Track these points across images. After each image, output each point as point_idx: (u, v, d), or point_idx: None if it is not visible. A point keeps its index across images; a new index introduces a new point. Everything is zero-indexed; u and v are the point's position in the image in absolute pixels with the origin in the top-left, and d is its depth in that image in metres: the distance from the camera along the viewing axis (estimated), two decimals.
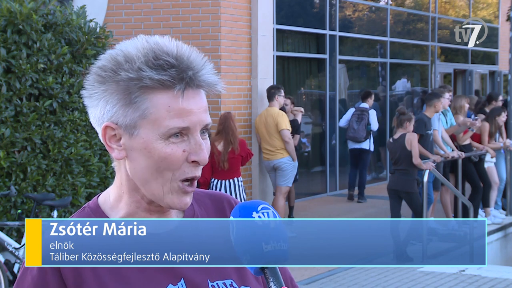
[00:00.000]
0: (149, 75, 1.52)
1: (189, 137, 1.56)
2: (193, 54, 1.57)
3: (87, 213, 1.63)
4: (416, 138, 9.07)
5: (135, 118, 1.55)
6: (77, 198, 7.45)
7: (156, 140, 1.54)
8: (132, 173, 1.59)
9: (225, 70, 10.55)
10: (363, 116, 12.75)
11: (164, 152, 1.54)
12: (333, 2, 13.94)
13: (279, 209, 10.18)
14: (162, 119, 1.54)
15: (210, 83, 1.58)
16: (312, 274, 8.36)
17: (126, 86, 1.54)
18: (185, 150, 1.55)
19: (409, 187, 8.97)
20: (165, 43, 1.57)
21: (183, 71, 1.54)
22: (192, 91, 1.56)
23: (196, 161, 1.56)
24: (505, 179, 12.24)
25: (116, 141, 1.59)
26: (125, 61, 1.55)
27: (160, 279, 1.58)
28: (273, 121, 10.17)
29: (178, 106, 1.54)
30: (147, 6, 10.99)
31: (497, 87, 20.39)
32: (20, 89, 7.09)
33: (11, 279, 6.72)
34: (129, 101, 1.55)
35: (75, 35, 7.62)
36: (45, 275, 1.53)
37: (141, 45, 1.56)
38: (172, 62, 1.53)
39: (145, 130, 1.55)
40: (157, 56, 1.54)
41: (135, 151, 1.57)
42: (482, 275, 8.43)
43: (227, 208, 1.75)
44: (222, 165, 8.47)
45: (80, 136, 7.55)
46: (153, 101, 1.54)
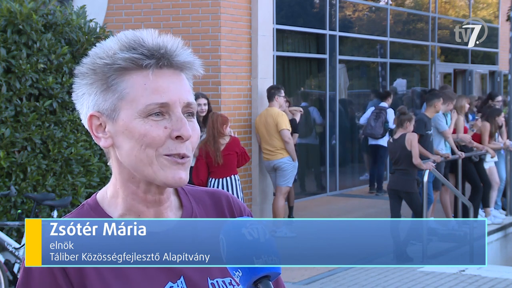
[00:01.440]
0: (121, 56, 1.55)
1: (170, 115, 1.56)
2: (169, 40, 1.59)
3: (86, 210, 1.63)
4: (416, 138, 9.07)
5: (114, 101, 1.56)
6: (77, 198, 7.45)
7: (135, 119, 1.55)
8: (122, 160, 1.59)
9: (225, 70, 10.55)
10: (381, 114, 13.33)
11: (144, 129, 1.54)
12: (333, 2, 13.94)
13: (279, 209, 10.18)
14: (139, 97, 1.55)
15: (184, 61, 1.59)
16: (312, 274, 8.36)
17: (102, 72, 1.56)
18: (167, 126, 1.56)
19: (409, 187, 8.97)
20: (142, 32, 1.59)
21: (155, 50, 1.56)
22: (167, 71, 1.57)
23: (180, 136, 1.55)
24: (505, 179, 12.25)
25: (102, 130, 1.60)
26: (102, 51, 1.58)
27: (160, 277, 1.59)
28: (273, 121, 10.17)
29: (154, 83, 1.55)
30: (147, 6, 10.99)
31: (497, 87, 20.39)
32: (20, 89, 7.09)
33: (11, 279, 6.72)
34: (106, 85, 1.57)
35: (75, 35, 7.62)
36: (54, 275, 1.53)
37: (118, 38, 1.59)
38: (145, 45, 1.56)
39: (125, 111, 1.56)
40: (129, 40, 1.57)
41: (119, 135, 1.58)
42: (482, 275, 8.43)
43: (225, 205, 1.75)
44: (218, 160, 8.44)
45: (80, 136, 7.55)
46: (129, 82, 1.56)
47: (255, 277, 1.43)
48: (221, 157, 8.45)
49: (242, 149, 8.70)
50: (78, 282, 1.54)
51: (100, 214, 1.62)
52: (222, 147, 8.49)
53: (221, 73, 10.48)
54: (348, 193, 14.39)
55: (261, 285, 1.44)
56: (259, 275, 1.43)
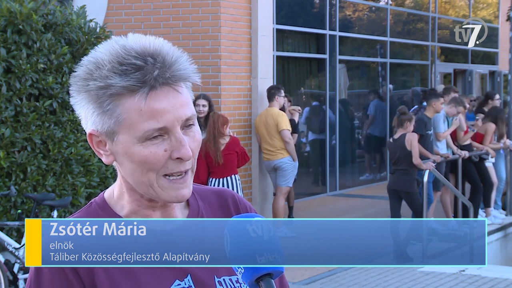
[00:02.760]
0: (114, 82, 1.52)
1: (169, 135, 1.55)
2: (163, 50, 1.55)
3: (94, 209, 1.64)
4: (416, 138, 9.06)
5: (111, 125, 1.55)
6: (77, 198, 7.45)
7: (134, 145, 1.54)
8: (124, 176, 1.60)
9: (225, 70, 10.55)
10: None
11: (143, 156, 1.54)
12: (333, 2, 13.94)
13: (279, 209, 10.18)
14: (136, 123, 1.53)
15: (180, 77, 1.56)
16: (312, 274, 8.36)
17: (96, 95, 1.54)
18: (167, 149, 1.55)
19: (409, 187, 8.97)
20: (132, 44, 1.55)
21: (148, 73, 1.52)
22: (161, 91, 1.54)
23: (180, 158, 1.55)
24: (505, 179, 12.25)
25: (103, 146, 1.60)
26: (95, 68, 1.55)
27: (167, 275, 1.59)
28: (273, 121, 10.16)
29: (149, 108, 1.53)
30: (147, 6, 10.99)
31: (497, 87, 20.39)
32: (20, 89, 7.09)
33: (11, 279, 6.71)
34: (102, 109, 1.55)
35: (75, 35, 7.62)
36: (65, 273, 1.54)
37: (109, 50, 1.56)
38: (138, 65, 1.52)
39: (123, 136, 1.55)
40: (121, 62, 1.53)
41: (119, 155, 1.58)
42: (482, 275, 8.43)
43: (231, 204, 1.76)
44: (218, 160, 8.44)
45: (80, 136, 7.55)
46: (124, 106, 1.53)
47: (256, 275, 1.43)
48: (221, 157, 8.44)
49: (242, 149, 8.70)
50: (89, 281, 1.54)
51: (108, 213, 1.63)
52: (222, 147, 8.49)
53: (221, 73, 10.48)
54: (348, 193, 14.39)
55: (263, 283, 1.44)
56: (261, 273, 1.43)
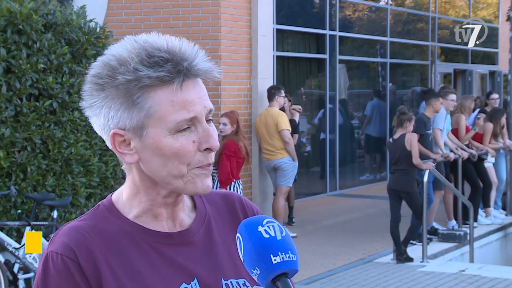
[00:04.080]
0: (146, 74, 1.52)
1: (197, 126, 1.56)
2: (184, 45, 1.57)
3: (101, 211, 1.63)
4: (416, 138, 9.06)
5: (141, 119, 1.54)
6: (77, 198, 7.45)
7: (166, 137, 1.54)
8: (148, 172, 1.59)
9: (225, 70, 10.54)
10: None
11: (175, 148, 1.54)
12: (333, 2, 13.94)
13: (279, 209, 10.19)
14: (168, 114, 1.53)
15: (206, 70, 1.60)
16: (312, 274, 8.36)
17: (125, 89, 1.53)
18: (195, 140, 1.55)
19: (409, 187, 8.96)
20: (154, 39, 1.57)
21: (178, 64, 1.54)
22: (191, 82, 1.57)
23: (208, 148, 1.56)
24: (505, 179, 12.24)
25: (126, 146, 1.58)
26: (119, 64, 1.54)
27: (174, 277, 1.59)
28: (273, 121, 10.17)
29: (181, 98, 1.54)
30: (147, 6, 10.99)
31: (497, 87, 20.39)
32: (20, 89, 7.09)
33: (11, 279, 6.71)
34: (131, 103, 1.54)
35: (75, 35, 7.62)
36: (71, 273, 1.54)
37: (131, 46, 1.56)
38: (166, 57, 1.53)
39: (153, 129, 1.54)
40: (150, 54, 1.53)
41: (147, 151, 1.56)
42: (482, 275, 8.43)
43: (238, 208, 1.75)
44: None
45: (80, 136, 7.55)
46: (155, 99, 1.53)
47: (272, 275, 1.44)
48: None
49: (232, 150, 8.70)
50: (95, 283, 1.54)
51: (115, 215, 1.62)
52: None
53: (221, 73, 10.46)
54: (348, 193, 14.39)
55: (280, 283, 1.44)
56: (277, 272, 1.44)
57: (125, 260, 1.57)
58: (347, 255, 9.28)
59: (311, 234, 10.55)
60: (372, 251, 9.50)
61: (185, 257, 1.61)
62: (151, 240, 1.59)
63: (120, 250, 1.57)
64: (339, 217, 11.91)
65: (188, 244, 1.63)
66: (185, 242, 1.62)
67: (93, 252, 1.54)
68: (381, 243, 9.90)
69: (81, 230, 1.57)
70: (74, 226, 1.58)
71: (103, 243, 1.56)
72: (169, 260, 1.59)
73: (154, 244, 1.59)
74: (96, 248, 1.55)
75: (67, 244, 1.54)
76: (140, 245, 1.59)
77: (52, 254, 1.54)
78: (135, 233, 1.59)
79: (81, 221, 1.60)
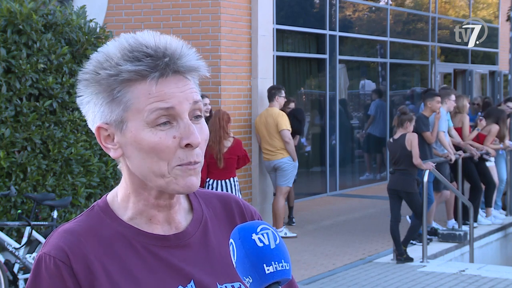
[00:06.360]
0: (126, 68, 1.52)
1: (178, 122, 1.54)
2: (172, 43, 1.56)
3: (96, 213, 1.62)
4: (416, 138, 9.06)
5: (120, 112, 1.54)
6: (77, 198, 7.45)
7: (144, 129, 1.53)
8: (133, 170, 1.58)
9: (225, 70, 10.55)
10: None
11: (153, 141, 1.53)
12: (333, 2, 13.94)
13: (279, 209, 10.19)
14: (144, 105, 1.53)
15: (190, 67, 1.57)
16: (312, 274, 8.36)
17: (107, 83, 1.54)
18: (175, 136, 1.53)
19: (409, 187, 8.97)
20: (143, 36, 1.57)
21: (159, 59, 1.53)
22: (172, 77, 1.55)
23: (189, 144, 1.54)
24: (505, 180, 12.25)
25: (111, 141, 1.58)
26: (105, 59, 1.55)
27: (170, 280, 1.58)
28: (273, 121, 10.17)
29: (158, 92, 1.53)
30: (147, 6, 10.99)
31: (497, 87, 20.39)
32: (20, 89, 7.09)
33: (11, 279, 6.71)
34: (112, 97, 1.54)
35: (75, 35, 7.62)
36: (63, 279, 1.53)
37: (119, 42, 1.57)
38: (148, 52, 1.53)
39: (132, 122, 1.54)
40: (132, 49, 1.54)
41: (128, 146, 1.56)
42: (482, 275, 8.43)
43: (235, 209, 1.74)
44: (219, 164, 8.44)
45: (80, 136, 7.55)
46: (134, 92, 1.53)
47: (265, 284, 1.43)
48: (222, 161, 8.44)
49: (243, 152, 8.68)
50: (87, 284, 1.53)
51: (110, 216, 1.61)
52: (225, 150, 8.47)
53: (221, 73, 10.48)
54: (348, 193, 14.40)
55: None
56: (269, 282, 1.43)
57: (121, 263, 1.55)
58: (347, 255, 9.28)
59: (311, 234, 10.55)
60: (372, 251, 9.50)
61: (181, 260, 1.60)
62: (147, 243, 1.58)
63: (115, 253, 1.56)
64: (339, 217, 11.91)
65: (184, 246, 1.61)
66: (181, 245, 1.61)
67: (87, 256, 1.53)
68: (381, 243, 9.90)
69: (75, 232, 1.56)
70: (69, 228, 1.57)
71: (98, 246, 1.55)
72: (165, 262, 1.58)
73: (150, 246, 1.58)
74: (90, 252, 1.54)
75: (61, 247, 1.53)
76: (135, 247, 1.57)
77: (45, 256, 1.54)
78: (131, 236, 1.58)
79: (76, 223, 1.59)
